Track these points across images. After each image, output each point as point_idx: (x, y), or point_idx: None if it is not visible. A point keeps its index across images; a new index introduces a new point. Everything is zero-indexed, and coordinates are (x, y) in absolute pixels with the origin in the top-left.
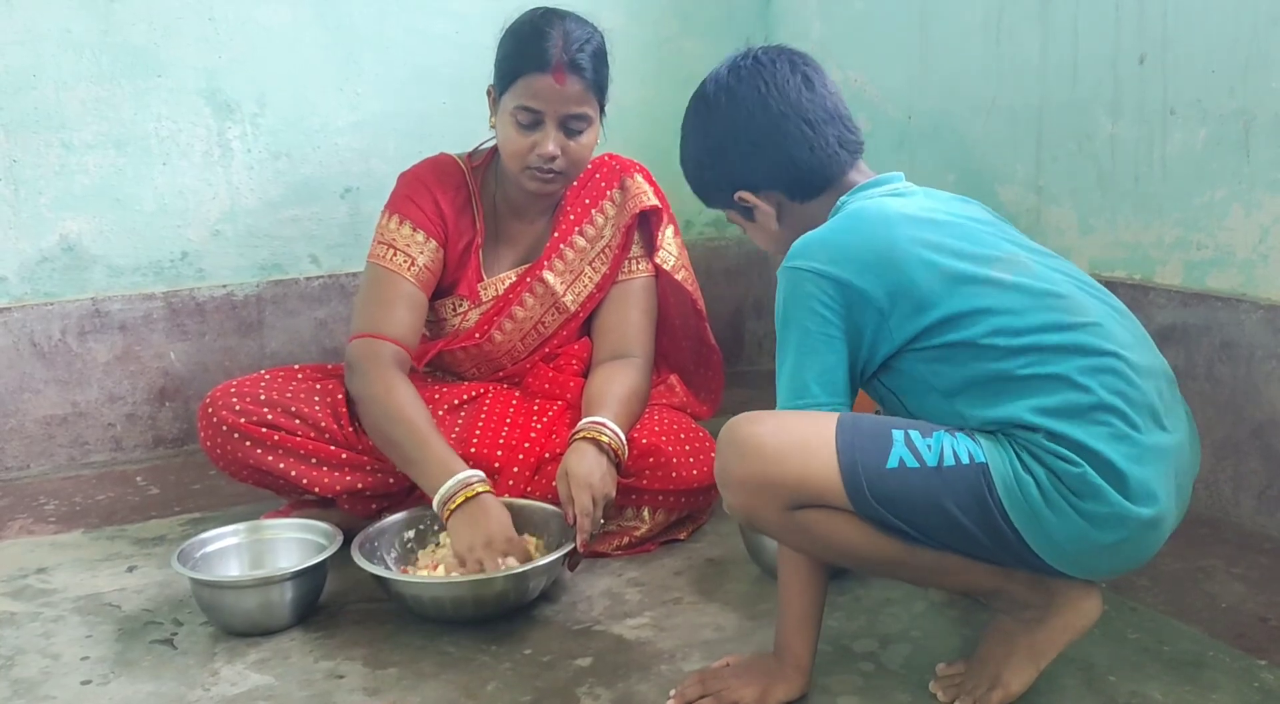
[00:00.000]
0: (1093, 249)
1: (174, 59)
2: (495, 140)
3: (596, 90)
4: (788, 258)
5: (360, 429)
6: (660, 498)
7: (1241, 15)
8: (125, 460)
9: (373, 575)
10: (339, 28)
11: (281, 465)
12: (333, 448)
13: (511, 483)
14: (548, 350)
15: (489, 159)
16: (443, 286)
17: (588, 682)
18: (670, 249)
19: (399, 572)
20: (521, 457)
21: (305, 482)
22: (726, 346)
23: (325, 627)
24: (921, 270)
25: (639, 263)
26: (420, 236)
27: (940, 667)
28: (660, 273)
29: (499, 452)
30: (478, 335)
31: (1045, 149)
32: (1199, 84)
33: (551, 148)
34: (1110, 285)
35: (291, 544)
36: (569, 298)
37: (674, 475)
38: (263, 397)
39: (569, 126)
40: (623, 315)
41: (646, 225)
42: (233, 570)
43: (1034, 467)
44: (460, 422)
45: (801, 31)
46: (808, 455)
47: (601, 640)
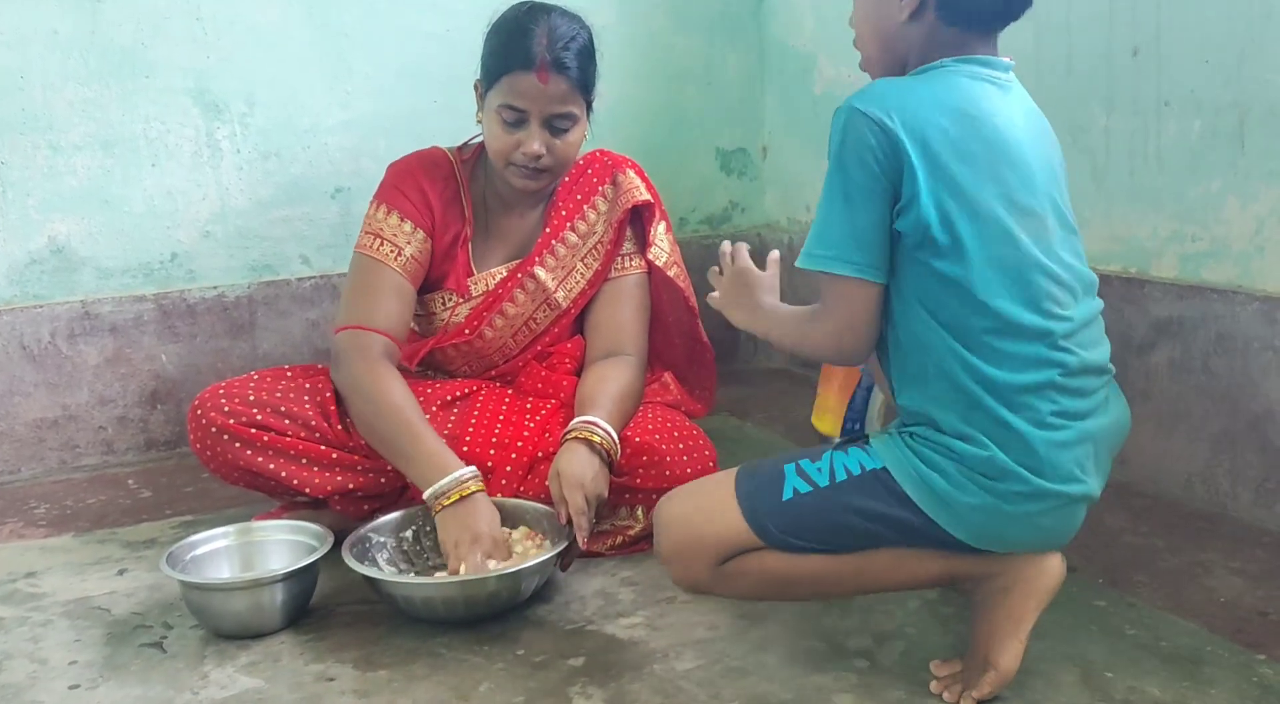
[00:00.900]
0: (1088, 242)
1: (162, 59)
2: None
3: (582, 88)
4: (856, 96)
5: (351, 427)
6: (654, 496)
7: (1235, 7)
8: (116, 463)
9: (364, 577)
10: (328, 26)
11: (272, 466)
12: (323, 448)
13: (504, 482)
14: (540, 348)
15: (478, 153)
16: (431, 280)
17: (580, 682)
18: (663, 245)
19: (391, 572)
20: (514, 456)
21: (296, 482)
22: (720, 344)
23: (316, 629)
24: (971, 183)
25: (631, 259)
26: (408, 226)
27: (935, 665)
28: (653, 269)
29: (491, 450)
30: (468, 331)
31: None
32: (1193, 76)
33: (536, 147)
34: (1106, 278)
35: (282, 546)
36: (561, 294)
37: (668, 474)
38: (252, 397)
39: (554, 125)
40: (615, 312)
41: (639, 221)
42: (223, 573)
43: (934, 459)
44: (452, 420)
45: (795, 28)
46: (716, 516)
47: (594, 640)
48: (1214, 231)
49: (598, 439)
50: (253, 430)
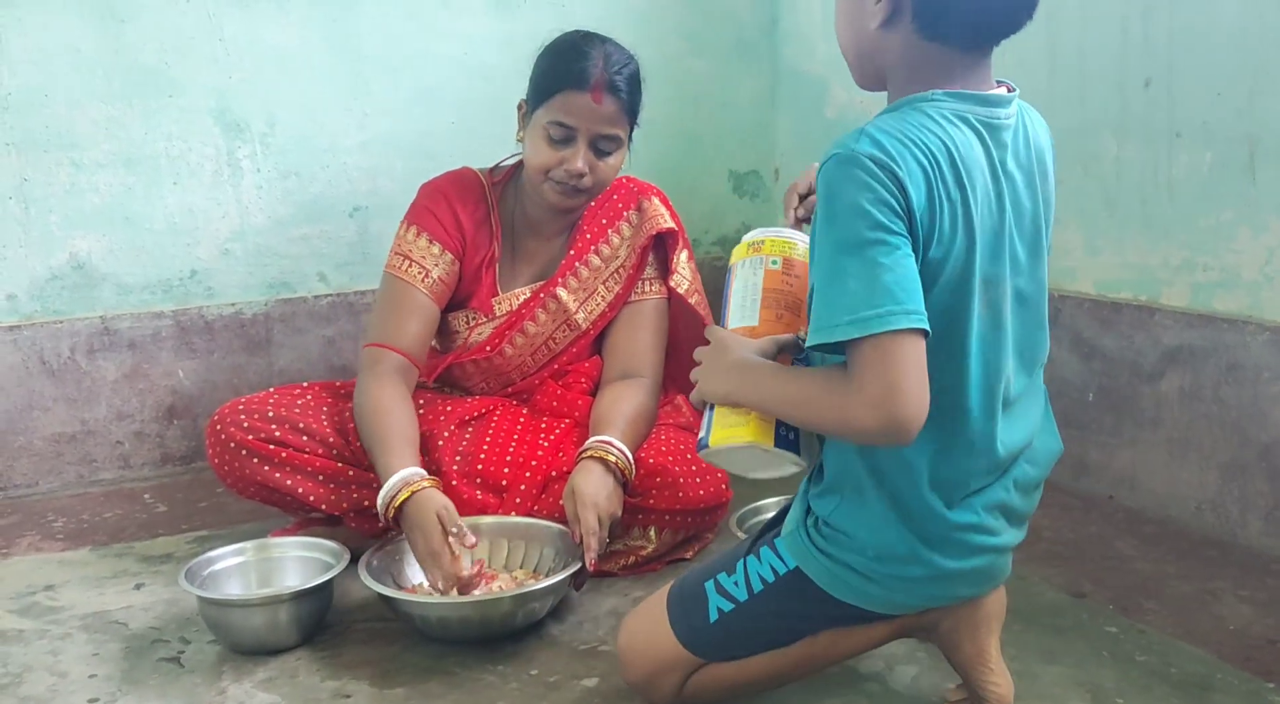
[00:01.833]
0: (1099, 271)
1: (184, 79)
2: (519, 156)
3: (630, 113)
4: (841, 143)
5: None
6: (667, 518)
7: (1247, 39)
8: (133, 478)
9: (379, 595)
10: (347, 49)
11: (289, 482)
12: (339, 464)
13: (518, 500)
14: (557, 367)
15: (510, 176)
16: (457, 299)
17: (594, 702)
18: (684, 273)
19: (406, 591)
20: (529, 474)
21: (312, 498)
22: None
23: (332, 646)
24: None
25: (652, 284)
26: (436, 249)
27: (947, 691)
28: (674, 296)
29: (506, 469)
30: (489, 348)
31: None
32: (1205, 107)
33: (580, 165)
34: (1117, 307)
35: (298, 562)
36: (581, 315)
37: (680, 495)
38: (270, 413)
39: (599, 146)
40: (633, 335)
41: (661, 248)
42: (240, 589)
43: (841, 554)
44: (468, 437)
45: (807, 53)
46: (659, 644)
47: (608, 660)
48: (1225, 261)
49: (613, 459)
50: (270, 446)
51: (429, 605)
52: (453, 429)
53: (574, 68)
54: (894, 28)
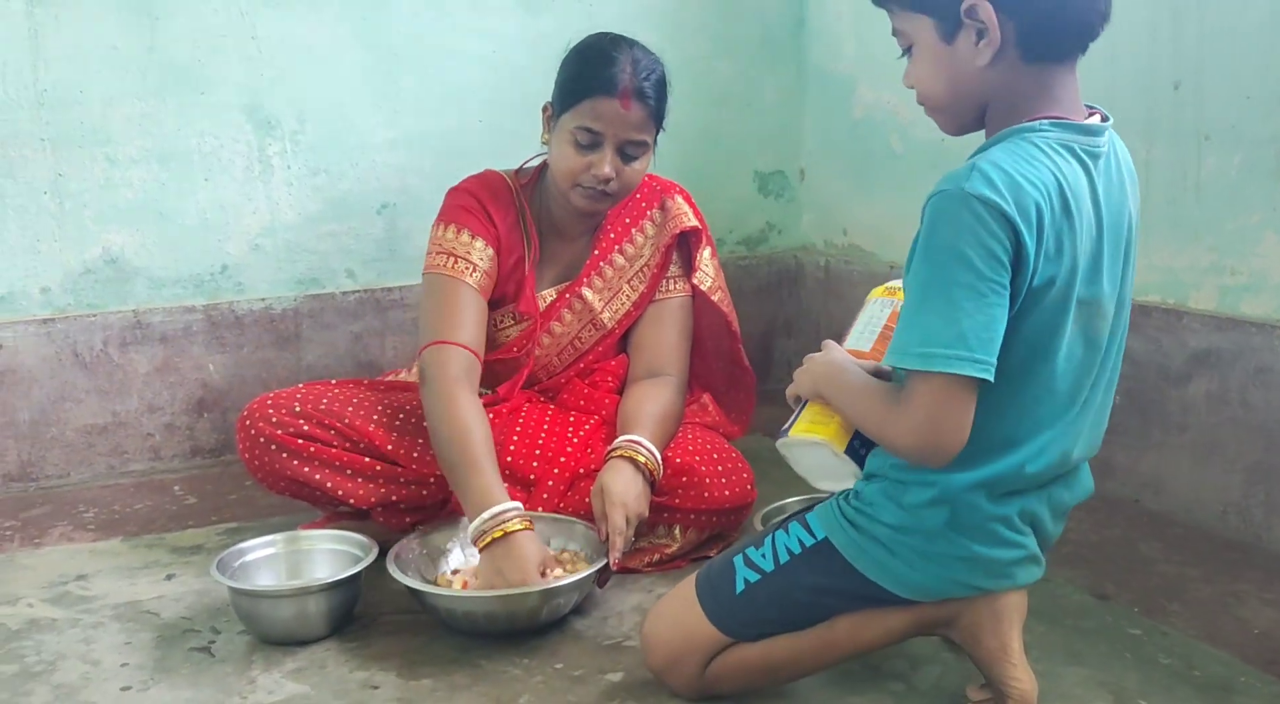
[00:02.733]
0: None
1: (217, 76)
2: (543, 157)
3: (656, 119)
4: (950, 178)
5: (398, 440)
6: (692, 517)
7: (1277, 41)
8: (163, 470)
9: (407, 588)
10: (378, 47)
11: (318, 477)
12: (367, 460)
13: (546, 496)
14: (583, 366)
15: (535, 177)
16: (490, 299)
17: (619, 696)
18: (708, 270)
19: (433, 584)
20: (557, 470)
21: (340, 493)
22: (757, 365)
23: (360, 637)
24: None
25: (676, 282)
26: (480, 243)
27: (970, 690)
28: (697, 293)
29: (535, 463)
30: (516, 349)
31: None
32: (1234, 110)
33: (607, 170)
34: (1144, 310)
35: (328, 555)
36: (606, 315)
37: (706, 495)
38: (299, 409)
39: (626, 151)
40: (659, 334)
41: (685, 246)
42: (270, 580)
43: (869, 525)
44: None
45: (835, 52)
46: (685, 623)
47: (632, 656)
48: (1253, 265)
49: (642, 458)
50: (300, 441)
51: (456, 599)
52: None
53: (603, 73)
54: (997, 62)
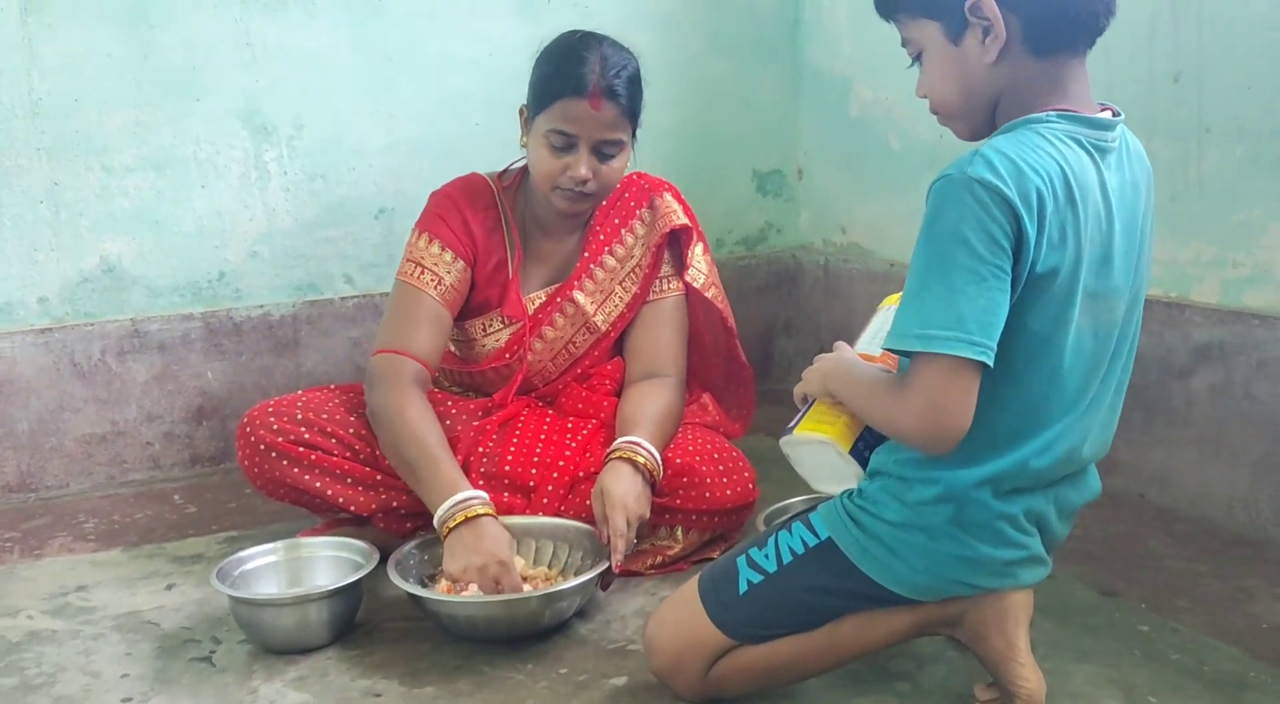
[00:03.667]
0: None
1: (212, 83)
2: (525, 160)
3: (630, 116)
4: (955, 165)
5: None
6: (694, 518)
7: (1276, 33)
8: (163, 479)
9: (408, 594)
10: (373, 52)
11: (318, 484)
12: (367, 467)
13: (545, 501)
14: (580, 371)
15: (519, 179)
16: (473, 306)
17: (623, 701)
18: (700, 267)
19: (434, 590)
20: (556, 475)
21: (341, 500)
22: (757, 365)
23: (362, 645)
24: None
25: (669, 282)
26: (448, 256)
27: (978, 689)
28: (690, 291)
29: (533, 469)
30: (509, 355)
31: None
32: (1235, 102)
33: (584, 171)
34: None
35: (328, 562)
36: (600, 318)
37: (707, 495)
38: (299, 416)
39: (602, 151)
40: (655, 334)
41: (676, 244)
42: (270, 588)
43: (871, 524)
44: (494, 439)
45: (832, 51)
46: (687, 625)
47: (636, 660)
48: (1256, 257)
49: (642, 459)
50: (300, 449)
51: (457, 605)
52: (479, 425)
53: (571, 74)
54: (1004, 58)
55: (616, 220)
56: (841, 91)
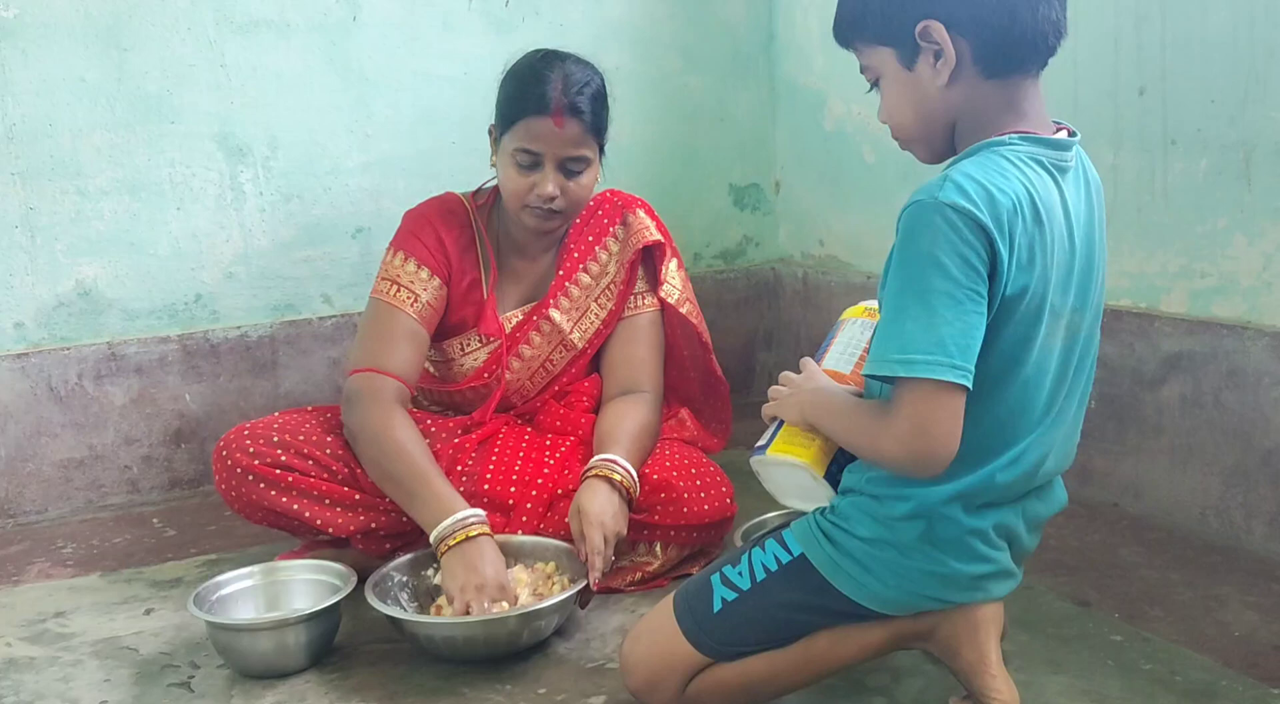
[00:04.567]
0: None
1: (187, 105)
2: (497, 179)
3: (595, 132)
4: (925, 189)
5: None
6: (672, 533)
7: (1239, 46)
8: (142, 502)
9: (387, 616)
10: (348, 72)
11: (295, 507)
12: (346, 488)
13: (525, 519)
14: (557, 388)
15: (492, 198)
16: (449, 325)
17: None
18: (674, 283)
19: (412, 612)
20: (535, 493)
21: (319, 522)
22: (737, 378)
23: (341, 668)
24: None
25: (644, 298)
26: (424, 274)
27: (953, 701)
28: (665, 306)
29: (512, 488)
30: (486, 374)
31: None
32: (1199, 114)
33: (550, 189)
34: (1116, 314)
35: (306, 585)
36: (576, 335)
37: (685, 511)
38: (275, 438)
39: (568, 168)
40: (631, 351)
41: (650, 260)
42: (248, 612)
43: (844, 540)
44: (473, 457)
45: (804, 67)
46: (663, 643)
47: (615, 678)
48: (1222, 268)
49: (618, 477)
50: (277, 471)
51: (435, 625)
52: (457, 443)
53: (533, 93)
54: (957, 81)
55: (590, 238)
56: (816, 106)
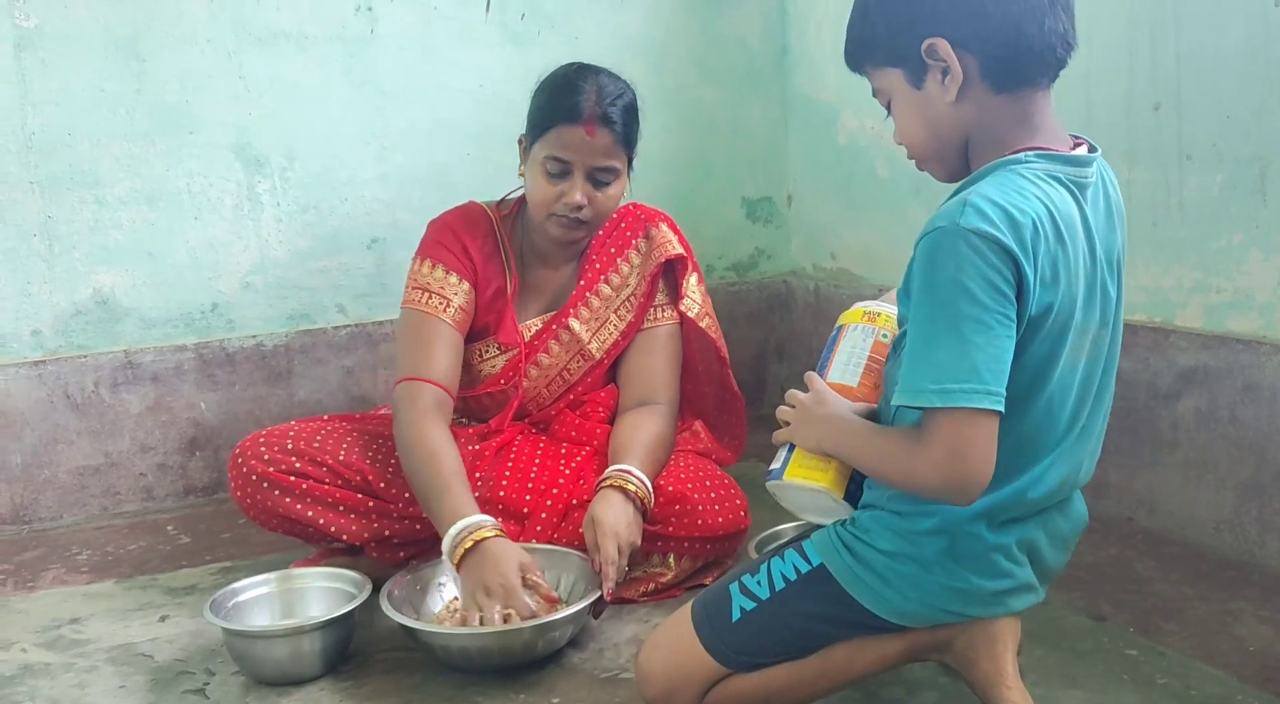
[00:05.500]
0: None
1: (205, 116)
2: (523, 189)
3: (625, 144)
4: (944, 215)
5: (391, 476)
6: (686, 545)
7: (1254, 60)
8: (156, 510)
9: (401, 625)
10: (365, 83)
11: (310, 514)
12: (360, 496)
13: (539, 528)
14: (573, 397)
15: (517, 208)
16: (472, 331)
17: None
18: (694, 297)
19: (427, 621)
20: (549, 502)
21: (334, 529)
22: (749, 390)
23: (355, 676)
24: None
25: (664, 310)
26: (454, 279)
27: None
28: (685, 320)
29: (527, 496)
30: (504, 381)
31: None
32: (1214, 129)
33: (578, 198)
34: (1132, 329)
35: (321, 593)
36: (594, 345)
37: (699, 523)
38: (291, 446)
39: (596, 178)
40: (648, 362)
41: (671, 273)
42: (264, 619)
43: (864, 552)
44: (489, 465)
45: (817, 81)
46: (681, 652)
47: (629, 688)
48: (1237, 283)
49: (633, 488)
50: (292, 478)
51: (450, 635)
52: (473, 456)
53: (566, 102)
54: (966, 97)
55: (612, 249)
56: (829, 119)
